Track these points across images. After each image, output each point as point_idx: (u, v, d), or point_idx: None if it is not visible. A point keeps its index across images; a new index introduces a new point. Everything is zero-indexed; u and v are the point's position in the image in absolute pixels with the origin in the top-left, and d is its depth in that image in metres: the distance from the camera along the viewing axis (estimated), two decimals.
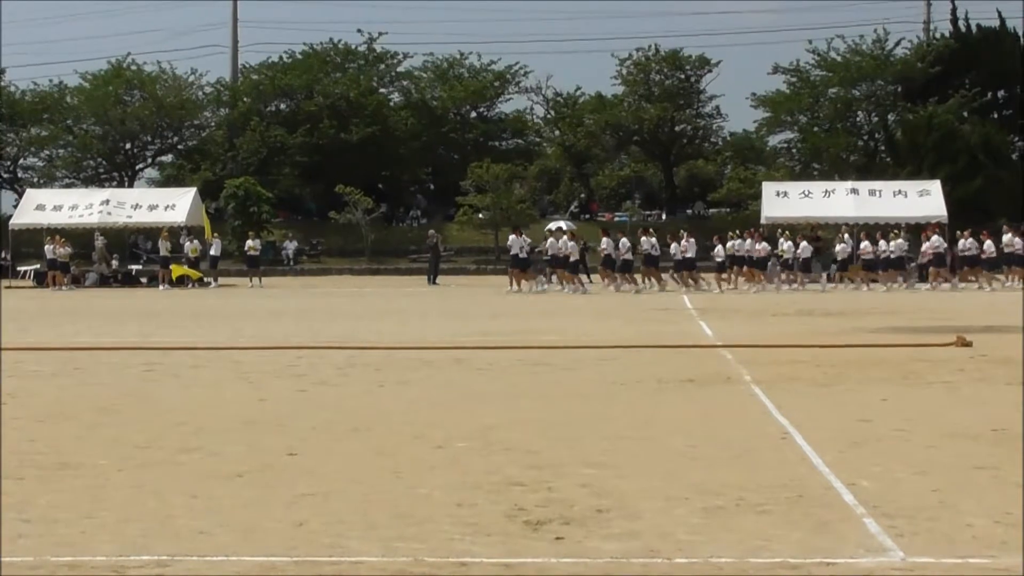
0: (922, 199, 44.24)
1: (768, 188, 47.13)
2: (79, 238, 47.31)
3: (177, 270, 43.26)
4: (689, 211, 69.64)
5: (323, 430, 10.31)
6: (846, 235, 40.84)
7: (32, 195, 51.27)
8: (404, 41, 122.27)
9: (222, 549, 6.39)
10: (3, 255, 55.23)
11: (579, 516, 7.06)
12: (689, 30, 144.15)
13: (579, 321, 24.66)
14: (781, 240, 40.57)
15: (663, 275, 39.46)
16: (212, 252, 45.55)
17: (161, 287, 42.53)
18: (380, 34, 71.39)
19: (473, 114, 72.05)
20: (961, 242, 40.03)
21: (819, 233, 44.16)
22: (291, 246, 59.63)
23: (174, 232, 45.23)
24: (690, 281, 38.90)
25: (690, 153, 71.94)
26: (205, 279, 44.49)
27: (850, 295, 35.48)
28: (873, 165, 61.10)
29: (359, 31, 72.28)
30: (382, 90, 72.37)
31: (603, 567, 6.11)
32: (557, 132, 71.98)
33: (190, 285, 43.32)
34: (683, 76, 69.24)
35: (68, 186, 66.31)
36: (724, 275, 40.23)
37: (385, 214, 64.19)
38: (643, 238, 40.04)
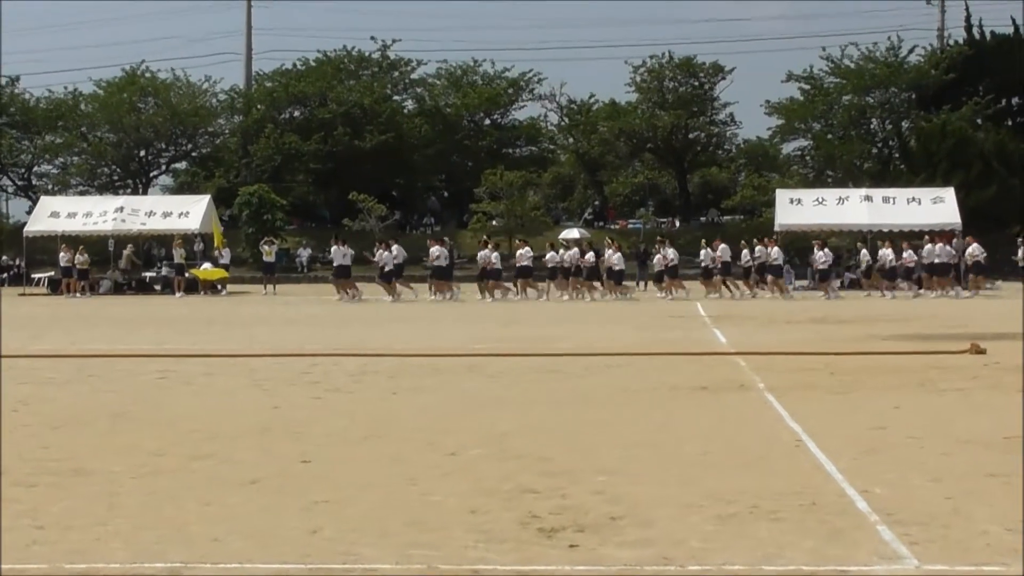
0: (936, 206, 44.14)
1: (782, 195, 47.08)
2: (93, 245, 47.42)
3: (205, 274, 43.36)
4: (703, 218, 69.62)
5: (337, 437, 10.31)
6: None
7: (46, 202, 51.41)
8: (418, 48, 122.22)
9: (236, 556, 6.39)
10: (17, 262, 55.41)
11: (593, 523, 7.06)
12: (703, 37, 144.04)
13: (592, 328, 24.64)
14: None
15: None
16: (223, 260, 45.62)
17: (176, 294, 42.60)
18: (394, 41, 71.62)
19: (487, 121, 72.10)
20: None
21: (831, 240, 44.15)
22: (305, 253, 59.72)
23: (188, 239, 45.30)
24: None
25: (704, 160, 71.92)
26: (218, 286, 44.56)
27: (864, 302, 35.39)
28: (887, 172, 61.00)
29: (373, 38, 72.48)
30: (396, 97, 72.49)
31: (617, 574, 6.11)
32: (571, 139, 72.02)
33: (202, 292, 43.40)
34: (697, 83, 69.26)
35: (82, 193, 66.52)
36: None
37: (399, 221, 64.25)
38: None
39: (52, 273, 48.20)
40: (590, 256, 39.54)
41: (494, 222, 59.66)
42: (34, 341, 21.81)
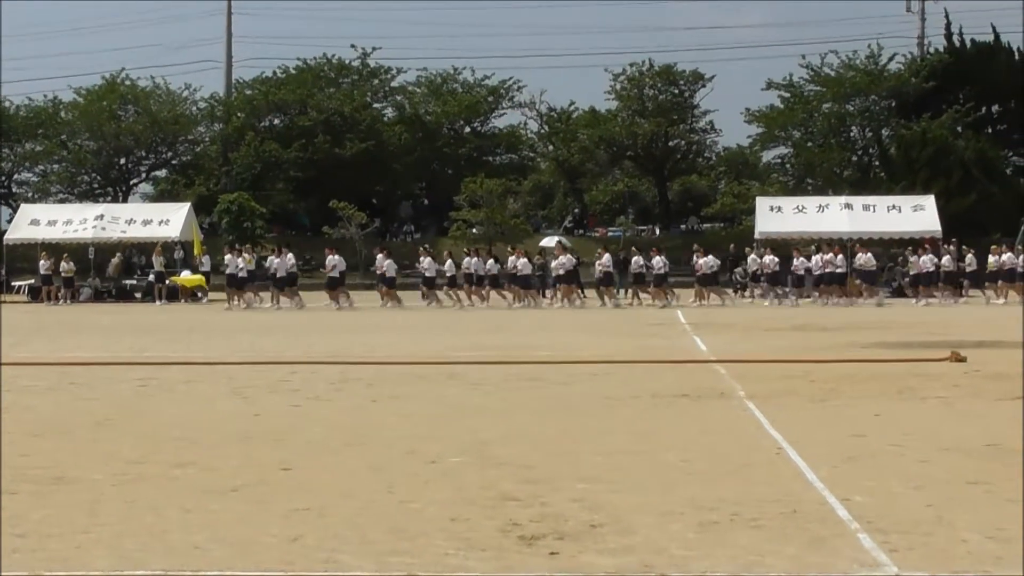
0: (916, 214, 44.36)
1: (762, 203, 47.23)
2: (73, 253, 47.27)
3: (184, 282, 43.31)
4: (683, 226, 69.75)
5: (317, 445, 10.30)
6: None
7: (26, 210, 51.27)
8: (398, 56, 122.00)
9: (217, 564, 6.38)
10: None
11: (573, 531, 7.07)
12: (683, 45, 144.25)
13: (573, 336, 24.67)
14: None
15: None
16: (203, 268, 45.52)
17: (157, 302, 42.51)
18: (374, 49, 71.63)
19: (467, 129, 72.14)
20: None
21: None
22: (274, 260, 59.54)
23: (168, 247, 45.22)
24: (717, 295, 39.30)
25: (684, 168, 72.10)
26: (198, 294, 44.47)
27: (844, 310, 35.49)
28: (867, 180, 61.22)
29: (353, 46, 72.48)
30: (376, 105, 72.49)
31: None
32: (551, 147, 72.09)
33: (182, 300, 43.32)
34: (677, 91, 69.40)
35: (62, 201, 66.35)
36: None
37: (379, 229, 64.20)
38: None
39: (32, 281, 48.02)
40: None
41: (474, 230, 59.67)
42: (15, 349, 21.72)
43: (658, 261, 39.55)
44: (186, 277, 44.30)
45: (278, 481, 8.68)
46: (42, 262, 44.35)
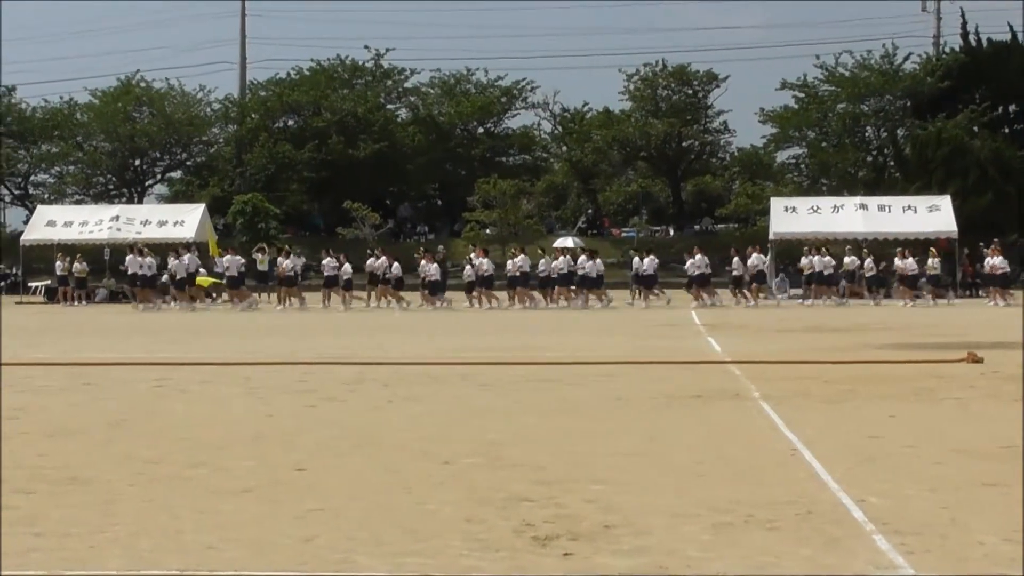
0: (932, 215, 44.24)
1: (776, 204, 47.15)
2: (89, 254, 47.40)
3: (202, 281, 43.45)
4: (697, 227, 69.70)
5: (331, 446, 10.30)
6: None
7: (43, 211, 51.45)
8: (411, 57, 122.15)
9: (231, 564, 6.39)
10: (14, 271, 55.43)
11: (587, 532, 7.05)
12: (697, 45, 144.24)
13: (586, 337, 24.66)
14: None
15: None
16: (217, 269, 45.59)
17: (171, 303, 42.56)
18: (387, 50, 71.80)
19: (480, 130, 72.19)
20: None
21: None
22: (299, 262, 59.65)
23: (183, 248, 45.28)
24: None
25: (697, 169, 72.06)
26: (213, 294, 44.57)
27: (859, 311, 35.42)
28: (882, 180, 61.10)
29: (366, 47, 72.68)
30: (389, 106, 72.60)
31: None
32: (564, 148, 72.10)
33: (209, 300, 43.46)
34: (690, 91, 69.39)
35: (78, 202, 66.59)
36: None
37: (393, 230, 64.25)
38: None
39: (48, 282, 48.17)
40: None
41: (487, 231, 59.69)
42: (31, 349, 21.80)
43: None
44: (200, 278, 44.37)
45: (292, 482, 8.68)
46: (58, 263, 44.48)
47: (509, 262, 40.49)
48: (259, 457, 9.71)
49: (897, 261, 40.04)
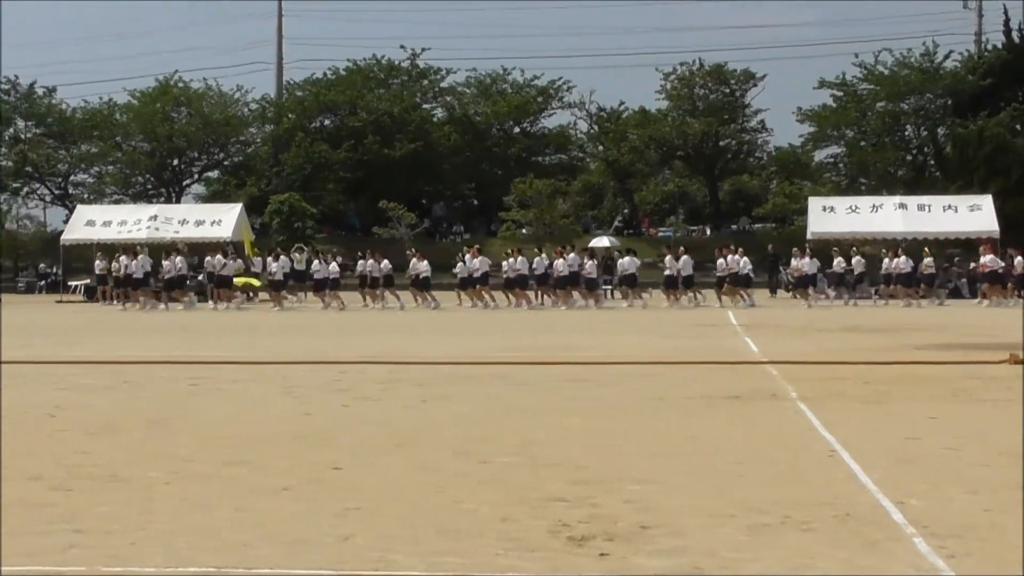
0: (973, 214, 43.86)
1: (814, 203, 46.91)
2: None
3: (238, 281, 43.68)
4: (734, 226, 69.48)
5: (367, 445, 10.32)
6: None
7: (82, 211, 51.79)
8: (447, 57, 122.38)
9: (268, 562, 6.40)
10: (55, 270, 55.84)
11: (623, 532, 7.04)
12: (734, 44, 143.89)
13: (622, 337, 24.62)
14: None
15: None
16: (254, 268, 45.77)
17: (210, 303, 42.75)
18: (423, 50, 71.92)
19: (516, 129, 72.20)
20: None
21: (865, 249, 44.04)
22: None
23: (220, 248, 45.46)
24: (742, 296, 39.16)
25: (735, 168, 71.86)
26: (250, 294, 44.73)
27: (897, 311, 35.24)
28: (922, 180, 60.73)
29: (402, 47, 72.87)
30: (425, 106, 72.71)
31: None
32: (600, 147, 72.01)
33: (249, 298, 43.65)
34: (728, 90, 69.20)
35: (117, 202, 67.02)
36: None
37: (429, 229, 64.33)
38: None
39: (88, 281, 48.47)
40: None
41: (523, 230, 59.67)
42: (70, 347, 21.94)
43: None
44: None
45: (329, 480, 8.70)
46: (97, 262, 44.74)
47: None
48: (296, 456, 9.73)
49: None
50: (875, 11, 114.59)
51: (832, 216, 45.01)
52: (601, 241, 56.09)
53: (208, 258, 42.54)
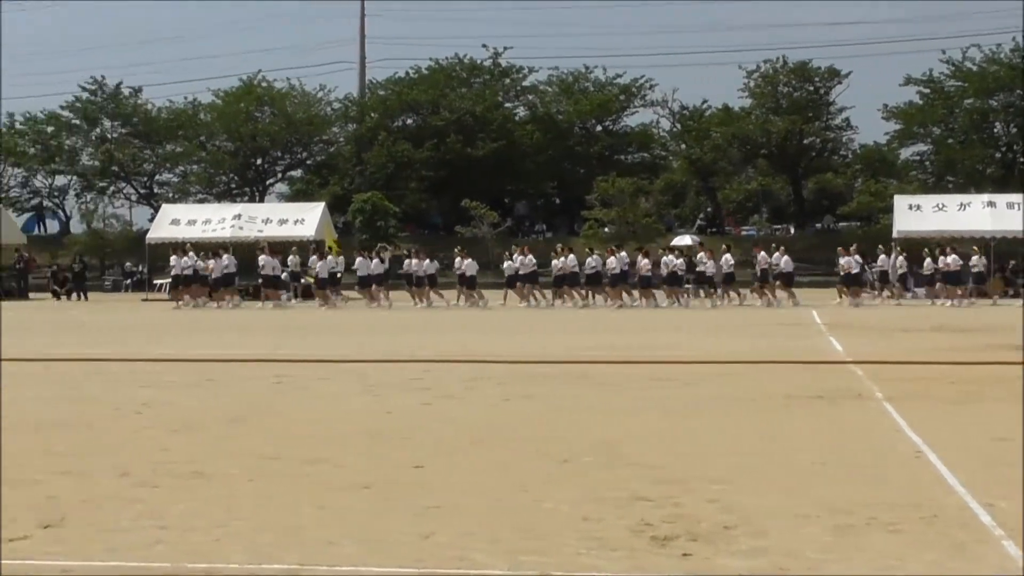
0: None
1: (900, 201, 46.28)
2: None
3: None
4: (818, 225, 68.85)
5: (448, 443, 10.33)
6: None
7: (167, 210, 52.32)
8: (529, 55, 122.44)
9: (350, 560, 6.42)
10: (140, 268, 56.55)
11: (706, 532, 6.99)
12: (818, 41, 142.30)
13: (703, 336, 24.48)
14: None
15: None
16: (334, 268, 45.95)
17: (291, 301, 43.10)
18: (505, 48, 71.94)
19: (598, 128, 72.04)
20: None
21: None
22: (414, 261, 60.06)
23: (303, 247, 45.76)
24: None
25: (819, 166, 71.13)
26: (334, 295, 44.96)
27: (984, 311, 34.73)
28: (1011, 177, 59.73)
29: (484, 46, 72.86)
30: (507, 104, 72.73)
31: None
32: (683, 145, 71.65)
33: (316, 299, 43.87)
34: (812, 88, 68.52)
35: (201, 201, 67.64)
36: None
37: (511, 228, 64.36)
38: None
39: (169, 279, 48.99)
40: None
41: (606, 229, 59.52)
42: (155, 345, 22.20)
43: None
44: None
45: (409, 479, 8.72)
46: (183, 259, 45.13)
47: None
48: (377, 454, 9.77)
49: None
50: (962, 7, 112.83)
51: (918, 215, 44.35)
52: (683, 240, 55.80)
53: (313, 257, 42.74)
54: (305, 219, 47.96)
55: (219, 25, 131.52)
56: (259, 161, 72.65)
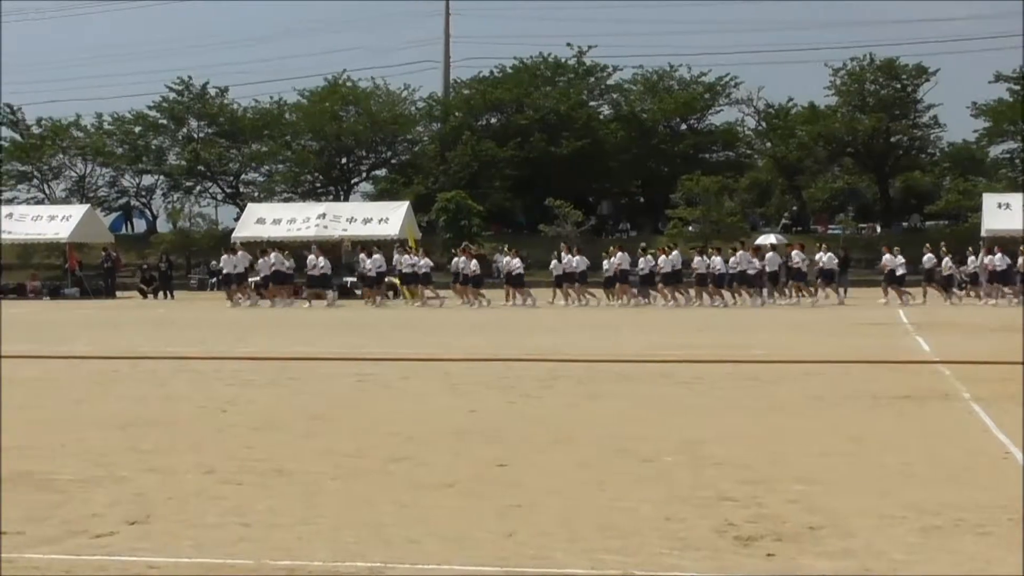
0: None
1: (989, 200, 45.66)
2: (296, 251, 48.46)
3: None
4: (905, 224, 68.10)
5: (531, 442, 10.33)
6: None
7: (253, 209, 52.85)
8: (614, 54, 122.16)
9: (433, 558, 6.43)
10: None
11: (791, 533, 6.92)
12: (905, 38, 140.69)
13: (786, 335, 24.30)
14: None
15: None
16: (399, 268, 46.08)
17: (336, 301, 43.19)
18: (590, 47, 71.91)
19: (683, 126, 71.83)
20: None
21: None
22: (502, 259, 60.20)
23: (386, 246, 45.95)
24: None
25: (906, 164, 70.39)
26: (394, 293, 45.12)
27: None
28: None
29: (569, 45, 72.88)
30: (592, 103, 72.71)
31: None
32: (768, 144, 71.21)
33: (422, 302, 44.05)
34: (899, 85, 67.83)
35: (286, 200, 68.24)
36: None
37: (595, 227, 64.28)
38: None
39: (258, 278, 49.41)
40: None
41: (690, 228, 59.29)
42: (239, 344, 22.41)
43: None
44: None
45: (492, 477, 8.72)
46: (273, 256, 45.47)
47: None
48: (460, 452, 9.78)
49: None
50: None
51: (1008, 213, 43.71)
52: (767, 238, 55.43)
53: (396, 256, 42.95)
54: (389, 218, 48.20)
55: (304, 25, 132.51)
56: (344, 160, 73.14)
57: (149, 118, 73.08)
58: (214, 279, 58.79)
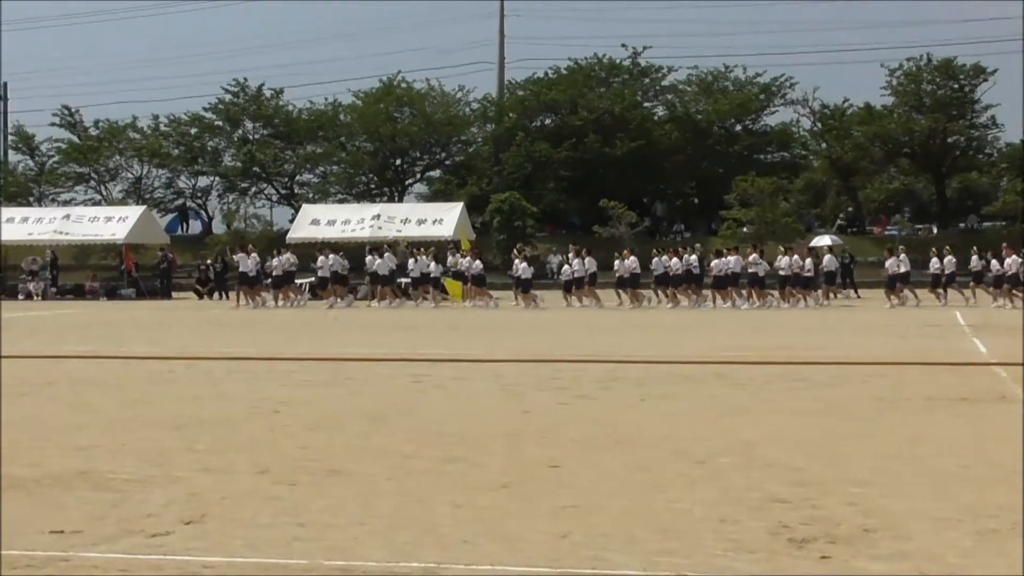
0: None
1: None
2: (351, 252, 48.68)
3: (450, 285, 44.12)
4: (962, 225, 67.50)
5: (585, 443, 10.33)
6: None
7: (307, 210, 53.11)
8: (668, 55, 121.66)
9: (487, 558, 6.46)
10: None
11: (845, 535, 6.90)
12: (963, 38, 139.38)
13: (842, 336, 24.15)
14: None
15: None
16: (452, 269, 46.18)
17: (428, 301, 43.33)
18: (644, 48, 71.73)
19: (738, 127, 71.50)
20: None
21: None
22: (555, 260, 60.17)
23: (440, 247, 46.05)
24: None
25: (963, 165, 69.74)
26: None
27: None
28: None
29: (623, 45, 72.73)
30: (646, 104, 72.51)
31: None
32: (823, 145, 70.75)
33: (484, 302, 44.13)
34: (956, 86, 67.21)
35: (341, 201, 68.43)
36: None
37: (649, 228, 64.11)
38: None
39: (313, 279, 49.66)
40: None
41: (744, 229, 59.02)
42: (293, 345, 22.53)
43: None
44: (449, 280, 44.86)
45: (546, 478, 8.74)
46: (328, 258, 45.70)
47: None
48: (514, 453, 9.80)
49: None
50: None
51: None
52: (822, 240, 55.06)
53: (450, 257, 43.05)
54: (443, 219, 48.31)
55: (358, 27, 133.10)
56: (398, 161, 73.30)
57: (205, 120, 73.54)
58: (268, 280, 59.09)
